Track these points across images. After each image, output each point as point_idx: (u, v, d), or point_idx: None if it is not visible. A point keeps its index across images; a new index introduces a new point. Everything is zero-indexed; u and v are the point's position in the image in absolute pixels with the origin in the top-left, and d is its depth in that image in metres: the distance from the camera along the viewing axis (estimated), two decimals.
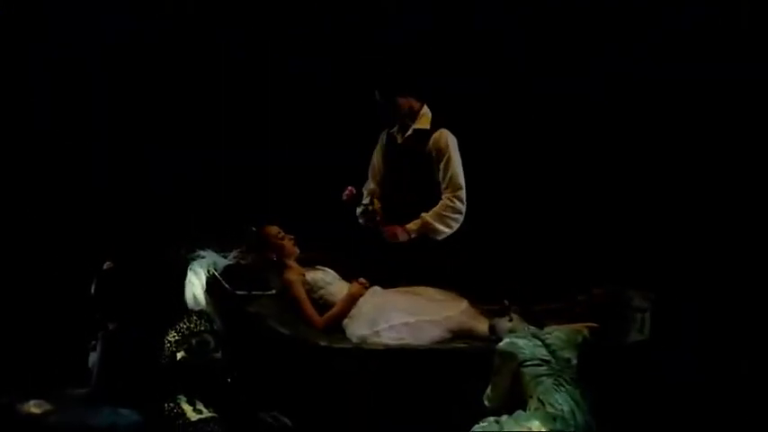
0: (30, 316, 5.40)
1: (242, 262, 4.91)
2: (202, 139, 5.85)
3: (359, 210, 5.05)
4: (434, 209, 4.91)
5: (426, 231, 4.93)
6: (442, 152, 4.92)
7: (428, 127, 4.98)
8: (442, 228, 4.91)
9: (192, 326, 4.51)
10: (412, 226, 4.91)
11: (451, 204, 4.92)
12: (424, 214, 4.90)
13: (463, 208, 4.92)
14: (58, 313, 5.36)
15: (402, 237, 4.92)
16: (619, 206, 5.47)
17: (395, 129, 5.08)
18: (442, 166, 4.92)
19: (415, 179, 4.99)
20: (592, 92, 5.44)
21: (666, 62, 5.32)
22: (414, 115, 4.99)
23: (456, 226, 4.92)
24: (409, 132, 4.99)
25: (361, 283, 4.86)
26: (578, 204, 5.55)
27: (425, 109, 5.03)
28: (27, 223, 5.61)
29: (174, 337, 4.48)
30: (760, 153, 5.18)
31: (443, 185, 4.93)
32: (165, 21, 5.72)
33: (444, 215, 4.91)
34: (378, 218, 4.99)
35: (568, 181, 5.61)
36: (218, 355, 4.47)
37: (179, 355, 4.42)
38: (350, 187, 4.99)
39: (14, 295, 5.43)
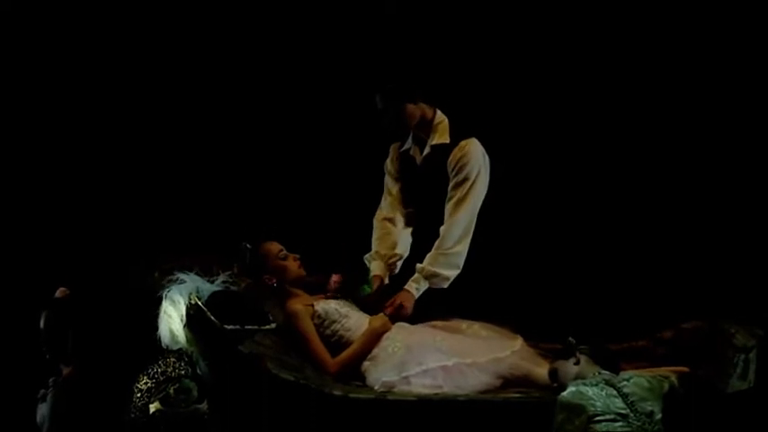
0: None
1: (233, 288, 4.56)
2: (183, 139, 5.70)
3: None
4: (431, 253, 4.59)
5: (431, 283, 4.61)
6: (459, 171, 4.62)
7: (447, 140, 4.69)
8: (448, 273, 4.59)
9: (168, 370, 4.31)
10: (413, 284, 4.59)
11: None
12: (419, 265, 4.60)
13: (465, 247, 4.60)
14: None
15: (409, 306, 4.58)
16: (716, 219, 5.20)
17: (409, 145, 4.82)
18: (450, 186, 4.64)
19: (443, 206, 4.70)
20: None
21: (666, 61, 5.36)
22: (428, 126, 4.71)
23: (461, 261, 4.59)
24: (427, 150, 4.73)
25: (386, 316, 4.55)
26: (662, 217, 5.30)
27: (440, 116, 4.73)
28: None
29: (146, 383, 4.28)
30: None
31: (447, 210, 4.63)
32: (162, 20, 5.69)
33: (447, 253, 4.59)
34: (377, 295, 4.70)
35: (645, 189, 5.36)
36: (203, 406, 4.23)
37: (152, 408, 4.21)
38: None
39: None
